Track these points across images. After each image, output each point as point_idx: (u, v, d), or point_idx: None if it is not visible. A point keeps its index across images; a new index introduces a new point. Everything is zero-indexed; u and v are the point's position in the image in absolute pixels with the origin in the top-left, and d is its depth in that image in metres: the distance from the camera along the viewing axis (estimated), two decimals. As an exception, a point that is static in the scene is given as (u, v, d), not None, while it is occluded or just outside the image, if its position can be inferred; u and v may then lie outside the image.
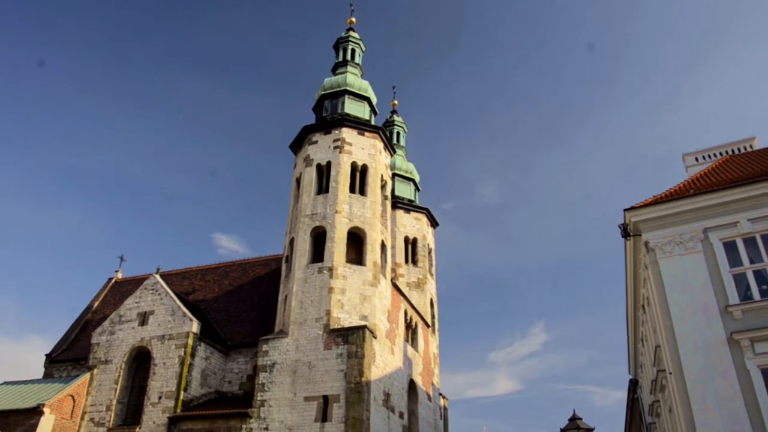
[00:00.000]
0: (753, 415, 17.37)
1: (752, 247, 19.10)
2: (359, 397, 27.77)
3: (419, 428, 35.16)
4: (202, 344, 32.70)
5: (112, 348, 33.61)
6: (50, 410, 30.23)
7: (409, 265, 42.07)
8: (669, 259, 20.12)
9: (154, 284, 34.72)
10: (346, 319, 30.23)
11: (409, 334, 36.52)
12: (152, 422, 30.67)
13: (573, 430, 11.25)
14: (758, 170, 20.19)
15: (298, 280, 31.50)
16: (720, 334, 18.45)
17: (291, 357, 29.82)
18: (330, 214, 32.80)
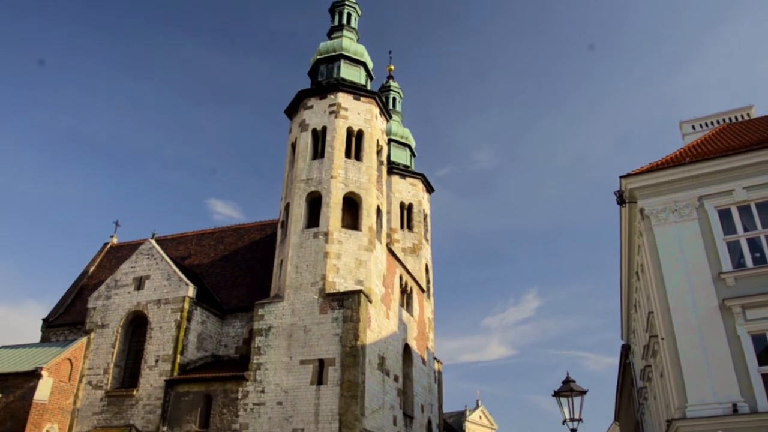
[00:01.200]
0: (742, 380, 17.66)
1: (747, 216, 19.19)
2: (354, 360, 28.06)
3: (414, 391, 35.66)
4: (198, 308, 32.89)
5: (108, 312, 33.79)
6: (48, 373, 30.50)
7: (404, 231, 42.18)
8: (664, 226, 20.21)
9: (150, 249, 34.75)
10: (342, 283, 30.38)
11: (404, 299, 36.78)
12: (149, 385, 31.00)
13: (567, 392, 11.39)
14: (755, 138, 20.17)
15: (294, 245, 31.57)
16: (712, 301, 18.64)
17: (287, 321, 30.04)
18: (325, 179, 32.73)
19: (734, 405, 17.38)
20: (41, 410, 29.53)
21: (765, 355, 17.75)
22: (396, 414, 32.02)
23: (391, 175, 42.39)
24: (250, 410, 28.63)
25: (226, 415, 28.95)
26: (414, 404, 35.37)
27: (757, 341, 17.91)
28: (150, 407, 30.45)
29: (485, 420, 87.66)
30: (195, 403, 29.81)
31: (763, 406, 17.19)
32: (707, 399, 17.75)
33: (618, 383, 48.55)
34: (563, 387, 11.51)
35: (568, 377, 11.67)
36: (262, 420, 28.23)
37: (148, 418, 30.26)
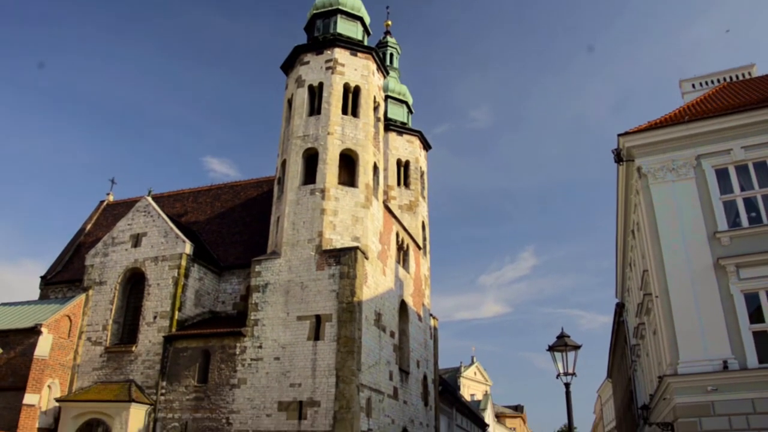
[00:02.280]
0: (733, 338, 17.92)
1: (744, 175, 19.19)
2: (351, 316, 28.32)
3: (410, 347, 36.11)
4: (195, 265, 33.01)
5: (106, 269, 33.93)
6: (48, 330, 30.76)
7: (401, 188, 42.13)
8: (661, 185, 20.22)
9: (146, 206, 34.70)
10: (338, 240, 30.46)
11: (400, 256, 36.95)
12: (148, 341, 31.33)
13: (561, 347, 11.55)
14: (755, 98, 20.01)
15: (291, 202, 31.54)
16: (707, 260, 18.79)
17: (284, 277, 30.21)
18: (322, 135, 32.51)
19: (725, 362, 17.67)
20: (42, 366, 29.89)
21: (757, 313, 17.98)
22: (392, 369, 32.50)
23: (388, 132, 42.11)
24: (248, 365, 29.02)
25: (224, 370, 29.35)
26: (410, 360, 35.87)
27: (750, 300, 18.11)
28: (149, 363, 30.85)
29: (480, 376, 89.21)
30: (193, 358, 30.19)
31: (753, 363, 17.49)
32: (699, 356, 18.03)
33: (611, 341, 49.25)
34: (558, 342, 11.67)
35: (562, 332, 11.83)
36: (259, 375, 28.63)
37: (147, 374, 30.68)
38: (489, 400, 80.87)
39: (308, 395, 27.49)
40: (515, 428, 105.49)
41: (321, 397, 27.26)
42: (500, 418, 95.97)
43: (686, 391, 18.02)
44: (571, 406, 11.70)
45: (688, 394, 17.97)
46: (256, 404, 28.17)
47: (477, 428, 66.08)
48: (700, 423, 17.61)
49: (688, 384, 18.00)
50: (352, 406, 26.76)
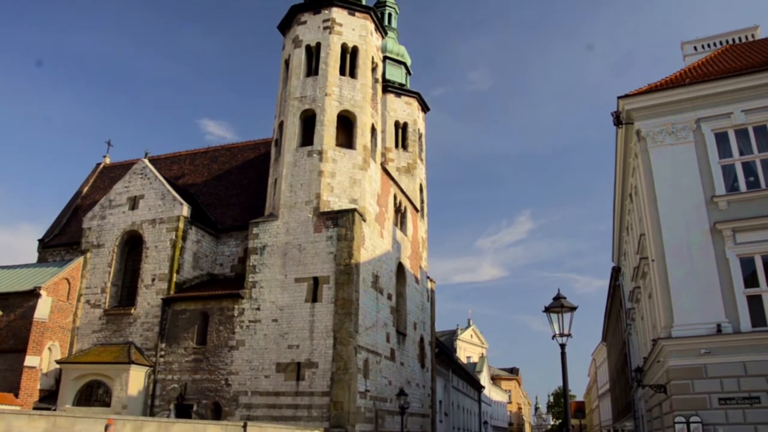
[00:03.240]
0: (728, 302, 18.00)
1: (743, 139, 19.04)
2: (348, 278, 28.43)
3: (407, 310, 36.36)
4: (192, 228, 33.00)
5: (103, 232, 33.92)
6: (47, 293, 30.90)
7: (399, 150, 41.91)
8: (659, 148, 20.08)
9: (143, 168, 34.53)
10: (336, 202, 30.40)
11: (398, 218, 36.93)
12: (147, 303, 31.51)
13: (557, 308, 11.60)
14: (757, 60, 19.71)
15: (288, 164, 31.37)
16: (704, 224, 18.76)
17: (281, 240, 30.22)
18: (319, 96, 32.18)
19: (718, 325, 17.78)
20: (42, 328, 30.10)
21: (751, 278, 18.03)
22: (389, 331, 32.77)
23: (386, 93, 41.69)
24: (246, 327, 29.24)
25: (222, 332, 29.58)
26: (407, 322, 36.15)
27: (745, 264, 18.14)
28: (148, 325, 31.07)
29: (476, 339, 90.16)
30: (192, 320, 30.40)
31: (746, 326, 17.60)
32: (693, 319, 18.14)
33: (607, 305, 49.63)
34: (554, 303, 11.71)
35: (558, 294, 11.86)
36: (258, 337, 28.87)
37: (146, 336, 30.93)
38: (485, 363, 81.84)
39: (306, 357, 27.75)
40: (510, 390, 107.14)
41: (319, 359, 27.53)
42: (496, 381, 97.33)
43: (680, 354, 18.19)
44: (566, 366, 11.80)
45: (681, 357, 18.14)
46: (254, 366, 28.46)
47: (473, 390, 67.01)
48: (693, 385, 17.82)
49: (681, 347, 18.15)
50: (350, 368, 27.04)
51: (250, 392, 28.15)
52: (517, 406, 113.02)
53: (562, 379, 11.86)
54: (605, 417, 72.04)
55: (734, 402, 17.25)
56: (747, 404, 17.11)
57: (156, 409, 29.49)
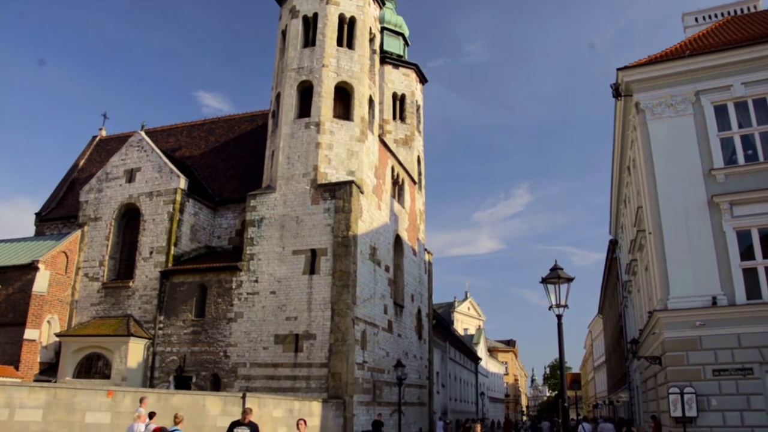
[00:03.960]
0: (723, 275, 18.09)
1: (743, 112, 18.97)
2: (346, 250, 28.48)
3: (404, 281, 36.49)
4: (190, 200, 32.95)
5: (100, 205, 33.85)
6: (45, 266, 30.93)
7: (396, 122, 41.69)
8: (658, 120, 20.00)
9: (140, 141, 34.35)
10: (334, 174, 30.32)
11: (395, 190, 36.88)
12: (145, 276, 31.58)
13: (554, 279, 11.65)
14: (759, 32, 19.53)
15: (285, 136, 31.22)
16: (701, 197, 18.77)
17: (279, 212, 30.21)
18: (317, 68, 31.90)
19: (714, 298, 17.90)
20: (41, 302, 30.20)
21: (748, 251, 18.10)
22: (387, 303, 32.93)
23: (384, 64, 41.35)
24: (244, 299, 29.36)
25: (221, 304, 29.71)
26: (404, 294, 36.31)
27: (742, 237, 18.20)
28: (146, 297, 31.18)
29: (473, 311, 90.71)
30: (190, 293, 30.51)
31: (741, 299, 17.72)
32: (689, 292, 18.25)
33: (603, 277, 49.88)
34: (551, 274, 11.76)
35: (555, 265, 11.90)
36: (256, 309, 29.00)
37: (145, 308, 31.06)
38: (482, 335, 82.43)
39: (304, 328, 27.92)
40: (507, 362, 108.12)
41: (317, 330, 27.70)
42: (493, 353, 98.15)
43: (675, 326, 18.33)
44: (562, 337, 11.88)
45: (676, 329, 18.29)
46: (252, 337, 28.65)
47: (470, 362, 67.62)
48: (687, 357, 17.98)
49: (677, 319, 18.29)
50: (348, 339, 27.23)
51: (249, 364, 28.37)
52: (514, 378, 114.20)
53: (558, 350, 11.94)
54: (600, 388, 72.91)
55: (728, 373, 17.44)
56: (740, 375, 17.30)
57: (155, 381, 29.74)
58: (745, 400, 17.19)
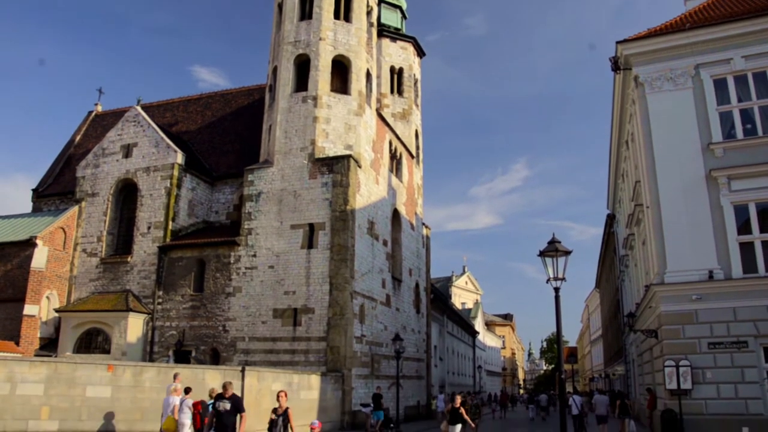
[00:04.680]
0: (720, 249, 18.19)
1: (742, 86, 18.89)
2: (344, 224, 28.48)
3: (402, 256, 36.57)
4: (187, 175, 32.85)
5: (97, 181, 33.75)
6: (43, 242, 30.91)
7: (394, 96, 41.40)
8: (657, 94, 19.94)
9: (136, 116, 34.13)
10: (331, 148, 30.21)
11: (393, 165, 36.78)
12: (143, 251, 31.60)
13: (552, 252, 11.67)
14: (760, 4, 19.35)
15: (282, 110, 31.04)
16: (699, 171, 18.79)
17: (276, 186, 30.15)
18: (314, 41, 31.59)
19: (710, 272, 18.01)
20: (39, 278, 30.23)
21: (745, 225, 18.16)
22: (385, 277, 33.03)
23: (381, 38, 40.95)
24: (242, 274, 29.43)
25: (219, 279, 29.78)
26: (402, 268, 36.41)
27: (739, 212, 18.25)
28: (145, 273, 31.24)
29: (471, 285, 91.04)
30: (188, 268, 30.57)
31: (738, 273, 17.83)
32: (686, 266, 18.35)
33: (601, 252, 50.06)
34: (549, 247, 11.76)
35: (553, 238, 11.90)
36: (254, 283, 29.08)
37: (143, 284, 31.13)
38: (479, 309, 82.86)
39: (302, 302, 28.04)
40: (504, 336, 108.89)
41: (315, 304, 27.83)
42: (490, 327, 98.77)
43: (672, 300, 18.46)
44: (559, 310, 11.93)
45: (673, 303, 18.42)
46: (251, 312, 28.77)
47: (467, 336, 68.07)
48: (683, 330, 18.14)
49: (673, 293, 18.41)
50: (346, 313, 27.36)
51: (248, 338, 28.53)
52: (511, 352, 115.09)
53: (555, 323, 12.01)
54: (597, 362, 73.61)
55: (723, 346, 17.62)
56: (735, 348, 17.49)
57: (155, 356, 29.92)
58: (739, 373, 17.39)
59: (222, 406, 11.97)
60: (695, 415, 17.60)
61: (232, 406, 11.98)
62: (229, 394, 12.11)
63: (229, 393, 12.14)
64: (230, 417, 11.91)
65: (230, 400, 12.01)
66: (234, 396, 12.21)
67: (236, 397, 12.25)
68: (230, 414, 11.92)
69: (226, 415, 11.88)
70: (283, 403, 12.06)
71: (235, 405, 12.06)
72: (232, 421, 11.96)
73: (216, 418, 11.98)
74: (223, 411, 11.91)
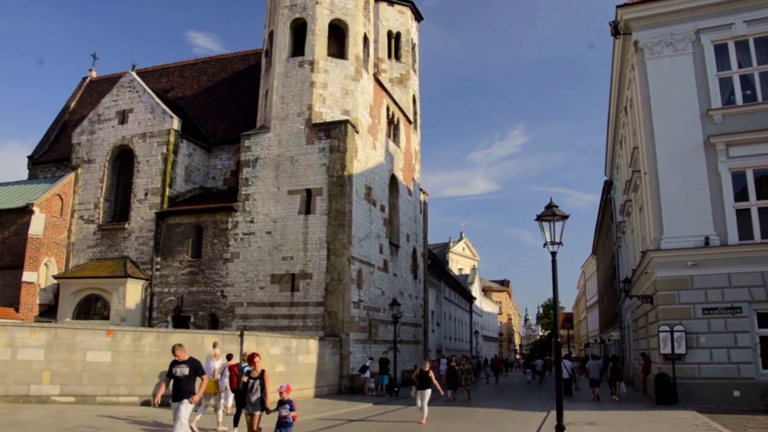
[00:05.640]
0: (717, 216, 18.25)
1: (743, 51, 18.73)
2: (341, 190, 28.46)
3: (399, 221, 36.60)
4: (184, 141, 32.67)
5: (93, 147, 33.54)
6: (40, 209, 30.84)
7: (391, 61, 41.00)
8: (657, 59, 19.79)
9: (131, 81, 33.78)
10: (328, 113, 30.02)
11: (391, 130, 36.61)
12: (140, 218, 31.59)
13: (549, 216, 11.68)
14: (762, -33, 19.10)
15: (279, 75, 30.77)
16: (698, 137, 18.76)
17: (273, 152, 30.03)
18: (310, 4, 31.13)
19: (706, 238, 18.10)
20: (37, 245, 30.27)
21: (742, 192, 18.19)
22: (382, 243, 33.13)
23: (379, 2, 40.32)
24: (240, 240, 29.48)
25: (217, 244, 29.84)
26: (400, 234, 36.49)
27: (737, 178, 18.27)
28: (142, 239, 31.27)
29: (468, 251, 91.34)
30: (186, 234, 30.59)
31: (733, 239, 17.92)
32: (682, 232, 18.44)
33: (598, 218, 50.15)
34: (546, 212, 11.76)
35: (551, 203, 11.90)
36: (252, 249, 29.16)
37: (141, 250, 31.18)
38: (476, 275, 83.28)
39: (300, 268, 28.16)
40: (501, 302, 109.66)
41: (313, 270, 27.94)
42: (487, 292, 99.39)
43: (667, 266, 18.58)
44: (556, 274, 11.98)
45: (668, 269, 18.55)
46: (249, 277, 28.90)
47: (464, 301, 68.55)
48: (678, 296, 18.30)
49: (669, 258, 18.52)
50: (343, 278, 27.50)
51: (246, 303, 28.70)
52: (508, 317, 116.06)
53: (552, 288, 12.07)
54: (592, 328, 74.31)
55: (717, 312, 17.81)
56: (729, 314, 17.67)
57: (154, 321, 30.12)
58: (732, 338, 17.60)
59: (180, 371, 10.58)
60: (688, 379, 17.87)
61: (190, 370, 10.63)
62: (186, 358, 10.73)
63: (185, 356, 10.76)
64: (190, 382, 10.60)
65: (188, 364, 10.66)
66: (191, 359, 10.85)
67: (194, 360, 10.90)
68: (189, 379, 10.60)
69: (185, 380, 10.55)
70: (258, 365, 11.36)
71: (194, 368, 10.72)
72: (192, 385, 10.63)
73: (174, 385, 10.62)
74: (181, 376, 10.55)
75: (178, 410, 10.47)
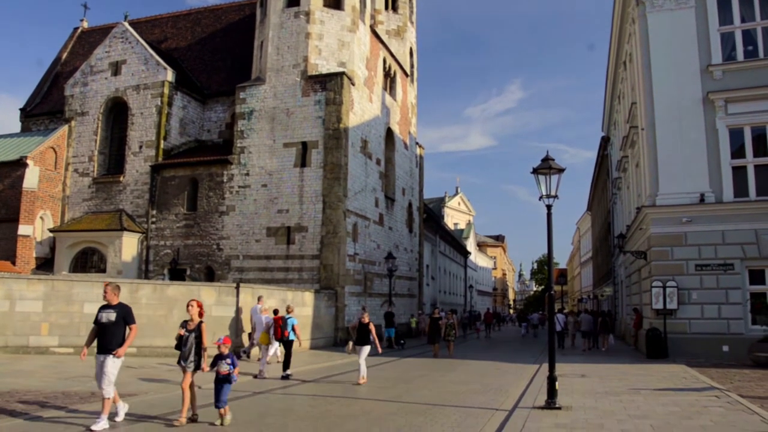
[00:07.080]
0: (713, 173, 18.24)
1: (746, 5, 18.43)
2: (337, 143, 28.32)
3: (395, 175, 36.53)
4: (178, 93, 32.30)
5: (87, 99, 33.14)
6: (34, 162, 30.62)
7: (389, 12, 40.30)
8: (658, 13, 19.48)
9: (124, 32, 33.17)
10: (324, 65, 29.65)
11: (387, 83, 36.21)
12: (135, 171, 31.43)
13: (545, 169, 11.64)
14: None
15: (274, 26, 30.26)
16: (696, 93, 18.61)
17: (269, 104, 29.76)
18: (305, -47, 30.44)
19: (702, 195, 18.13)
20: (32, 198, 30.13)
21: (739, 149, 18.15)
22: (378, 196, 33.11)
23: (376, -50, 39.49)
24: (235, 192, 29.44)
25: (212, 197, 29.80)
26: (395, 187, 36.45)
27: (734, 135, 18.20)
28: (138, 192, 31.18)
29: (463, 206, 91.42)
30: (181, 187, 30.51)
31: (729, 196, 17.96)
32: (677, 188, 18.46)
33: (594, 175, 50.09)
34: (542, 164, 11.71)
35: (547, 155, 11.85)
36: (247, 202, 29.14)
37: (136, 203, 31.13)
38: (471, 230, 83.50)
39: (296, 221, 28.21)
40: (496, 257, 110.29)
41: (308, 223, 28.01)
42: (482, 247, 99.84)
43: (662, 222, 18.66)
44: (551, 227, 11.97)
45: (663, 225, 18.63)
46: (245, 230, 28.96)
47: (459, 256, 68.89)
48: (672, 252, 18.42)
49: (664, 215, 18.59)
50: (339, 231, 27.59)
51: (242, 256, 28.83)
52: (502, 273, 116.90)
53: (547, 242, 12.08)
54: (586, 283, 74.98)
55: (710, 268, 17.96)
56: (721, 270, 17.83)
57: (150, 274, 30.28)
58: (723, 294, 17.80)
59: (106, 317, 9.25)
60: (679, 334, 18.13)
61: (118, 316, 9.28)
62: (116, 302, 9.43)
63: (116, 300, 9.44)
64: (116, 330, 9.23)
65: (116, 309, 9.34)
66: (121, 305, 9.50)
67: (124, 306, 9.55)
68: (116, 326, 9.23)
69: (110, 327, 9.20)
70: (195, 315, 9.60)
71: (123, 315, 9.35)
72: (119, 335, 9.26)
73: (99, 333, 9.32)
74: (107, 323, 9.22)
75: (104, 365, 9.09)
